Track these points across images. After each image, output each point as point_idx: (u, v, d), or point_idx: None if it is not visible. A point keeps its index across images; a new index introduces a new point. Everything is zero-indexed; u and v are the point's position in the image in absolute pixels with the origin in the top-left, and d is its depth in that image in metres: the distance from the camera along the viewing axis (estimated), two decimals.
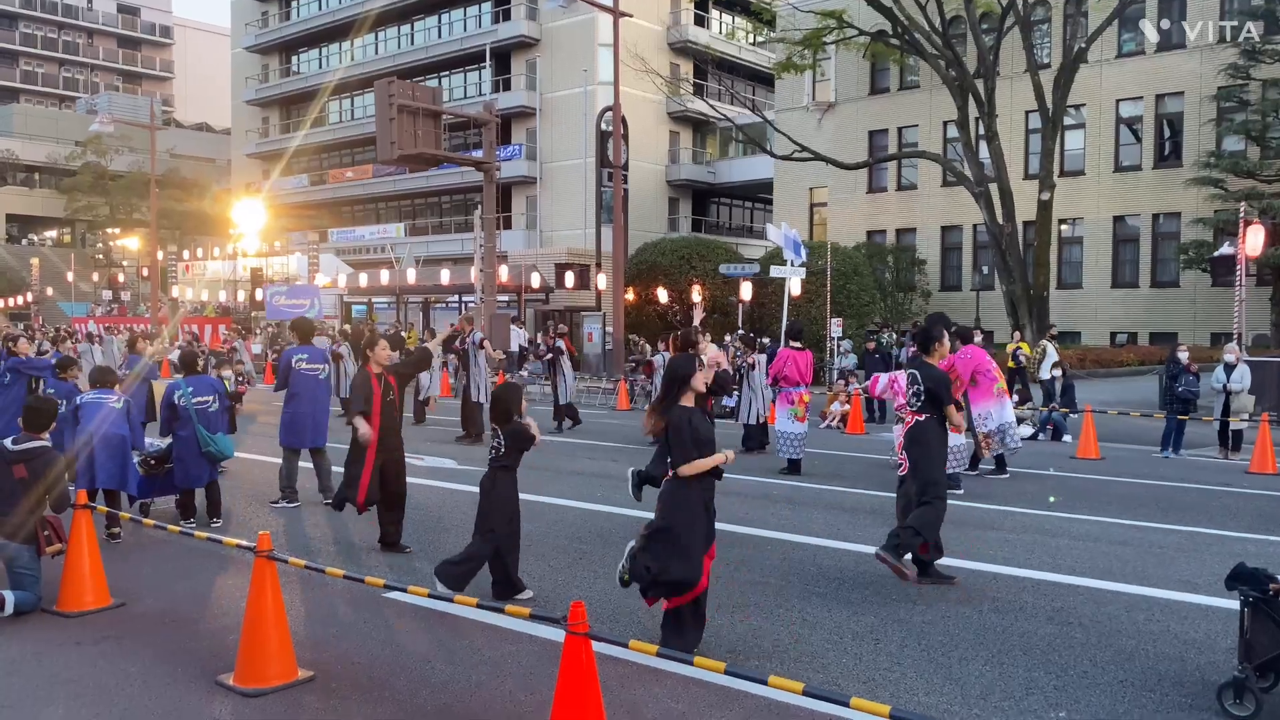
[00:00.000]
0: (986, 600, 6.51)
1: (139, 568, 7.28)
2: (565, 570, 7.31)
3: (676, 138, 45.19)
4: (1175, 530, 8.75)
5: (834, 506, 9.88)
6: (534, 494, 10.34)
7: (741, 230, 48.20)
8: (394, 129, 24.50)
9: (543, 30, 42.91)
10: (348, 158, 53.02)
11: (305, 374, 9.70)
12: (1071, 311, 29.98)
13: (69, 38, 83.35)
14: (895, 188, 34.46)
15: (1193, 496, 10.55)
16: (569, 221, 41.94)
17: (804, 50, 30.27)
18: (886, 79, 34.60)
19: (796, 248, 19.95)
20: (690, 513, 5.21)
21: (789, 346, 12.44)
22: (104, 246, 57.53)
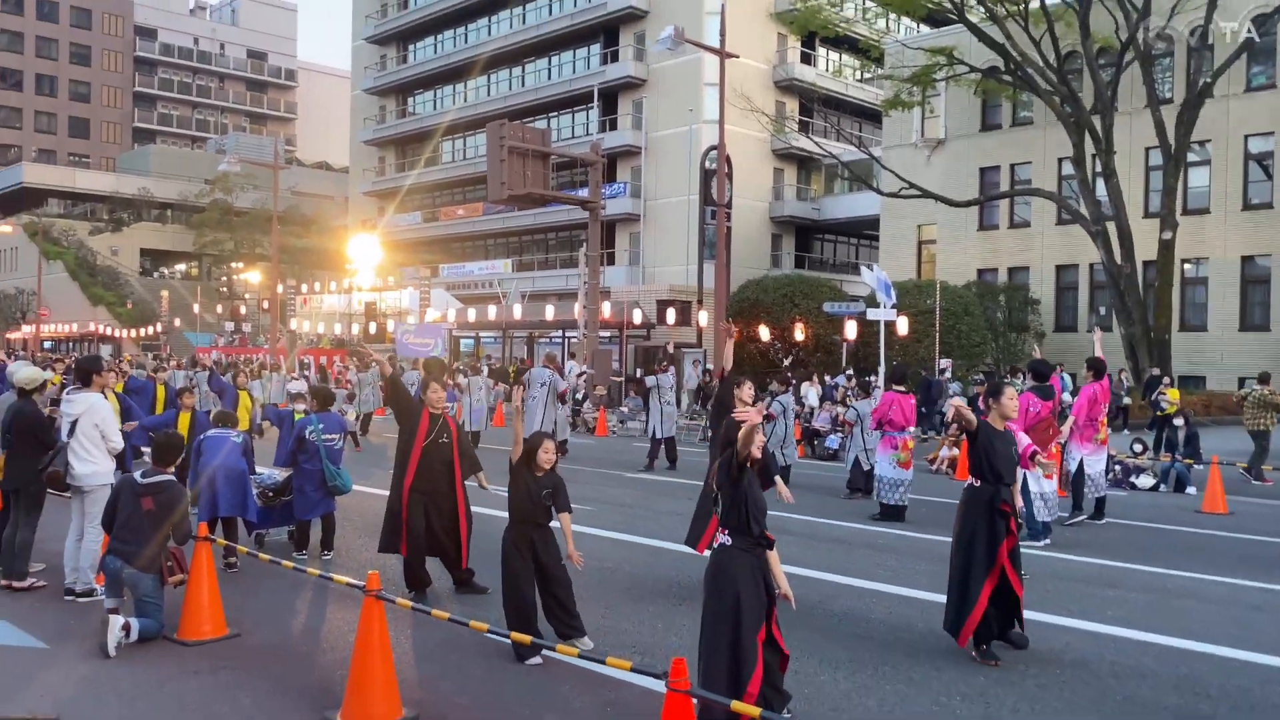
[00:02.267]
0: (1105, 664, 6.21)
1: (253, 599, 7.53)
2: (664, 616, 7.26)
3: (781, 174, 45.12)
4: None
5: (941, 559, 9.58)
6: (630, 534, 10.37)
7: (846, 267, 47.64)
8: (504, 170, 25.16)
9: (649, 71, 43.50)
10: (459, 195, 54.50)
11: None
12: (1195, 355, 28.65)
13: (202, 82, 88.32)
14: (1008, 225, 33.62)
15: None
16: (671, 258, 42.17)
17: (913, 87, 29.94)
18: (999, 115, 33.91)
19: (887, 289, 19.63)
20: (739, 585, 4.79)
21: (893, 390, 12.23)
22: (228, 280, 60.29)
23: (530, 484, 6.25)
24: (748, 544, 4.83)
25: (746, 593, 4.73)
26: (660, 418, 16.73)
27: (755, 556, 4.83)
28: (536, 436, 6.41)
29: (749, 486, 4.87)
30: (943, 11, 29.39)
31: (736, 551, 4.81)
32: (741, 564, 4.79)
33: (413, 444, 7.63)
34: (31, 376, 8.05)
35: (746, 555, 4.81)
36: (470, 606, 7.38)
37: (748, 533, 4.82)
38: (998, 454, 6.37)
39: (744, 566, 4.78)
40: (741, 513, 4.80)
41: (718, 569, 4.84)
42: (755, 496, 4.88)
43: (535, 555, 6.23)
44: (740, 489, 4.83)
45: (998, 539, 6.22)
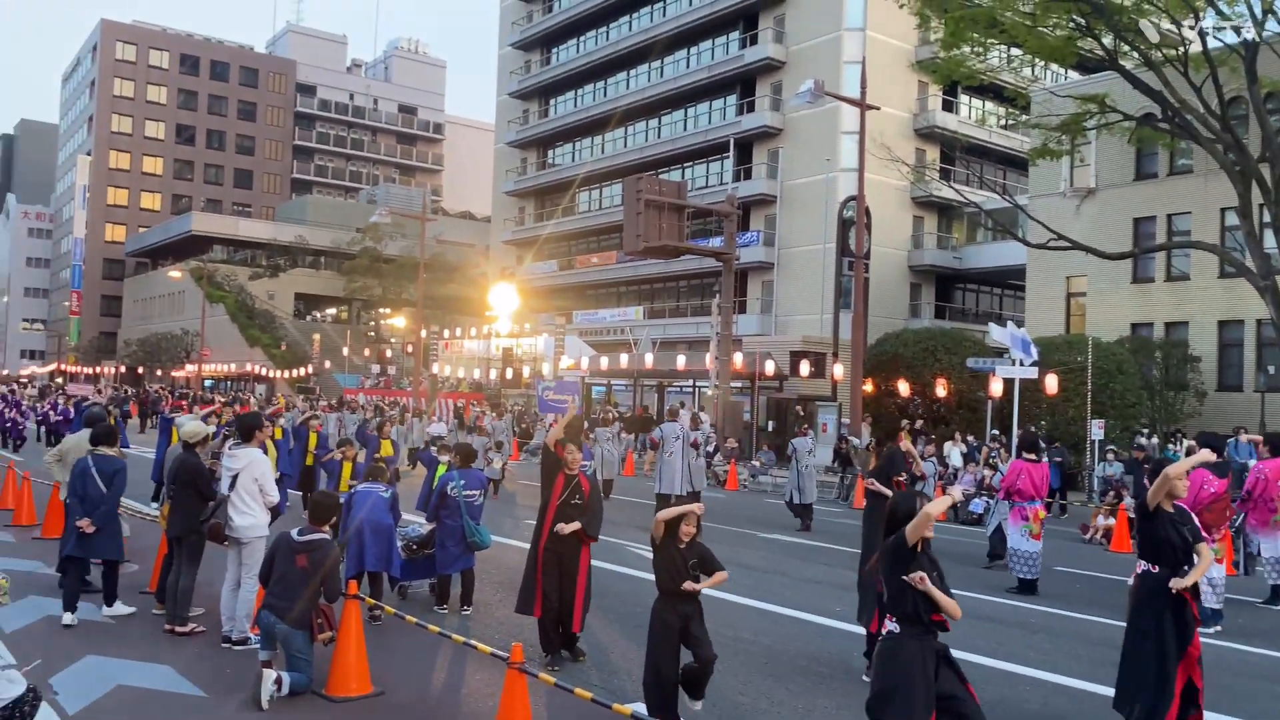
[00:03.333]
0: None
1: (397, 655, 7.66)
2: (804, 696, 7.02)
3: (920, 222, 44.25)
4: None
5: (1100, 642, 9.00)
6: (767, 602, 10.11)
7: (989, 318, 46.04)
8: (640, 222, 25.49)
9: (786, 120, 43.53)
10: (593, 244, 55.54)
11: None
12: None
13: (356, 135, 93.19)
14: (1164, 278, 31.96)
15: None
16: (804, 307, 41.75)
17: (1061, 135, 28.93)
18: (1154, 164, 32.41)
19: (1025, 346, 18.73)
20: (908, 676, 4.56)
21: (1023, 458, 11.66)
22: (375, 324, 62.88)
23: (675, 556, 6.15)
24: (918, 631, 4.60)
25: (915, 683, 4.50)
26: (798, 482, 16.48)
27: (926, 644, 4.60)
28: (676, 511, 6.30)
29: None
30: (1094, 59, 28.40)
31: (906, 640, 4.59)
32: (912, 652, 4.56)
33: (548, 506, 7.68)
34: (196, 430, 8.50)
35: (917, 644, 4.58)
36: (606, 674, 7.32)
37: (917, 621, 4.59)
38: (1170, 537, 5.96)
39: (914, 655, 4.55)
40: (910, 600, 4.58)
41: (887, 657, 4.63)
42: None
43: (686, 629, 6.07)
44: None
45: (1187, 629, 5.80)
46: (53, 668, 6.85)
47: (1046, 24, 26.44)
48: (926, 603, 4.56)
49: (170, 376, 65.46)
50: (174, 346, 67.13)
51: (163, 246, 78.18)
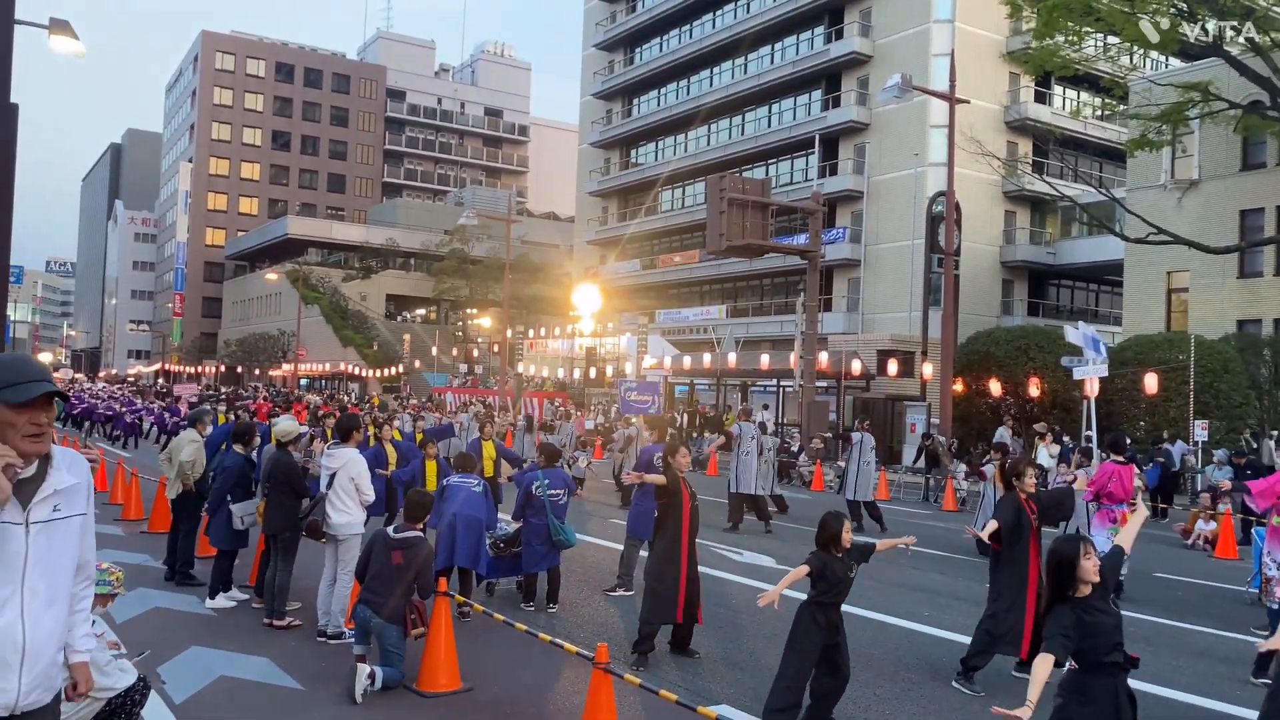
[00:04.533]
0: None
1: (486, 651, 7.79)
2: (891, 702, 6.92)
3: (1012, 217, 43.15)
4: None
5: (1204, 653, 8.67)
6: (852, 605, 9.99)
7: (1085, 315, 44.75)
8: (723, 222, 25.40)
9: (872, 115, 42.90)
10: (676, 243, 55.56)
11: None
12: None
13: (444, 139, 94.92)
14: (1273, 272, 30.55)
15: None
16: (892, 305, 41.10)
17: (1162, 126, 27.89)
18: (1263, 153, 31.01)
19: (1096, 345, 18.10)
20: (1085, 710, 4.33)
21: (1111, 459, 11.28)
22: (462, 324, 64.01)
23: (836, 565, 6.03)
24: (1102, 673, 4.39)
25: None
26: (856, 478, 16.14)
27: (1116, 682, 4.38)
28: (838, 519, 6.19)
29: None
30: (1197, 44, 27.31)
31: (1091, 680, 4.37)
32: (1100, 695, 4.35)
33: (681, 514, 7.70)
34: (288, 430, 8.78)
35: (1107, 681, 4.36)
36: (691, 675, 7.33)
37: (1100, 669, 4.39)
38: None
39: (1103, 694, 4.35)
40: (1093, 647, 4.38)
41: (1074, 691, 4.41)
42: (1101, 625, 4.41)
43: (835, 638, 6.05)
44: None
45: None
46: (160, 658, 7.15)
47: (1146, 10, 25.52)
48: (1106, 647, 4.36)
49: (268, 375, 67.65)
50: (271, 346, 69.37)
51: (260, 250, 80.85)
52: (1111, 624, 4.39)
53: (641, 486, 9.98)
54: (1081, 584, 4.42)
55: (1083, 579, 4.41)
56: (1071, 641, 4.30)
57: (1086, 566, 4.42)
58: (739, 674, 7.46)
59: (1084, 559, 4.41)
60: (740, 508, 15.55)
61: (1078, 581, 4.41)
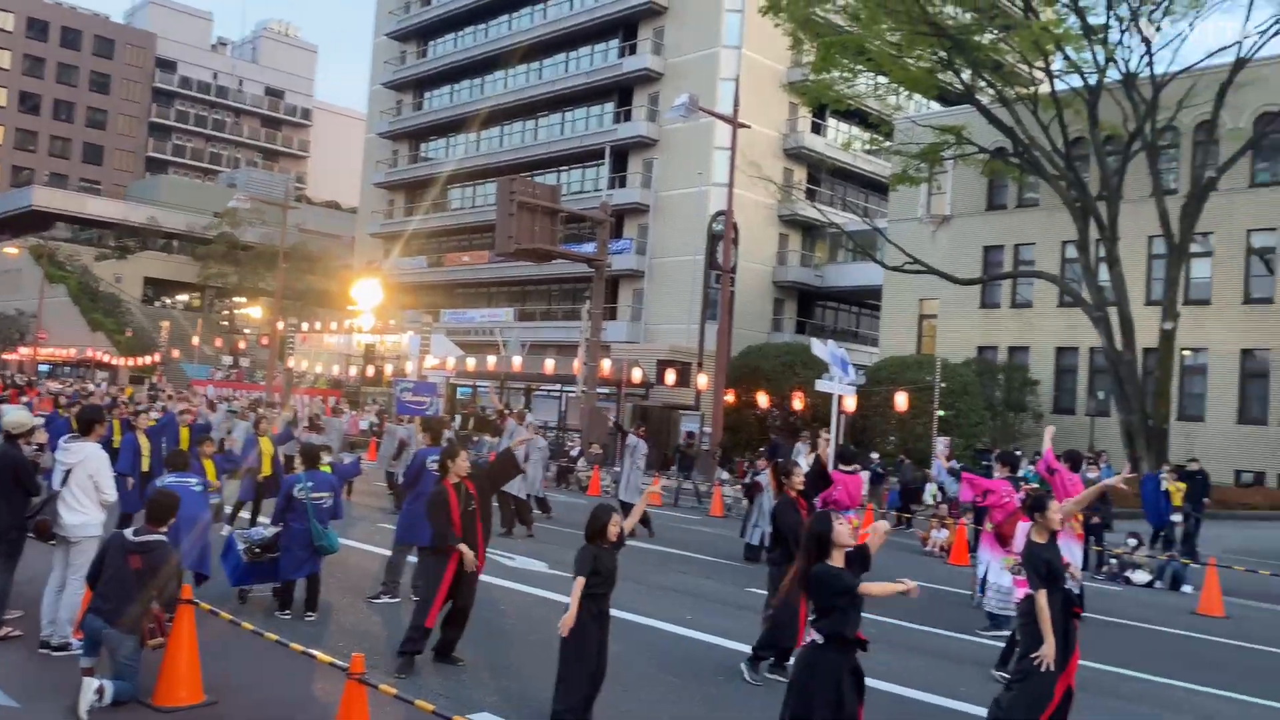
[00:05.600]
0: None
1: (232, 663, 7.35)
2: (653, 705, 7.08)
3: (786, 239, 45.43)
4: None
5: (935, 653, 9.42)
6: (619, 610, 10.16)
7: (847, 335, 47.77)
8: (513, 224, 25.30)
9: (661, 132, 44.02)
10: (465, 242, 54.82)
11: (435, 475, 9.80)
12: (1192, 445, 28.56)
13: (218, 116, 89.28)
14: (1009, 305, 33.77)
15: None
16: (673, 316, 42.28)
17: (921, 163, 30.26)
18: (1004, 196, 34.24)
19: (844, 365, 19.45)
20: (830, 688, 4.76)
21: (839, 469, 12.14)
22: (229, 313, 60.41)
23: (605, 558, 6.21)
24: (840, 646, 4.83)
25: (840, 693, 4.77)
26: (627, 481, 16.56)
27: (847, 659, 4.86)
28: (605, 511, 6.30)
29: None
30: (954, 92, 29.81)
31: (830, 653, 4.82)
32: (833, 665, 4.80)
33: (452, 527, 7.46)
34: (20, 421, 7.95)
35: (839, 658, 4.82)
36: (453, 683, 7.22)
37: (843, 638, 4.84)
38: (1056, 564, 6.33)
39: (836, 668, 4.80)
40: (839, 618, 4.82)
41: (806, 666, 4.87)
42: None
43: (601, 630, 6.23)
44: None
45: (1073, 639, 6.19)
46: None
47: (911, 55, 27.61)
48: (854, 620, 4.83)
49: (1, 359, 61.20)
50: (7, 328, 62.82)
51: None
52: (859, 605, 4.85)
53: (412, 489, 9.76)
54: (835, 548, 4.78)
55: (838, 542, 4.82)
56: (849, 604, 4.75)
57: (841, 530, 4.86)
58: (503, 680, 7.41)
59: (838, 524, 4.87)
60: (512, 511, 15.50)
61: (832, 547, 4.78)
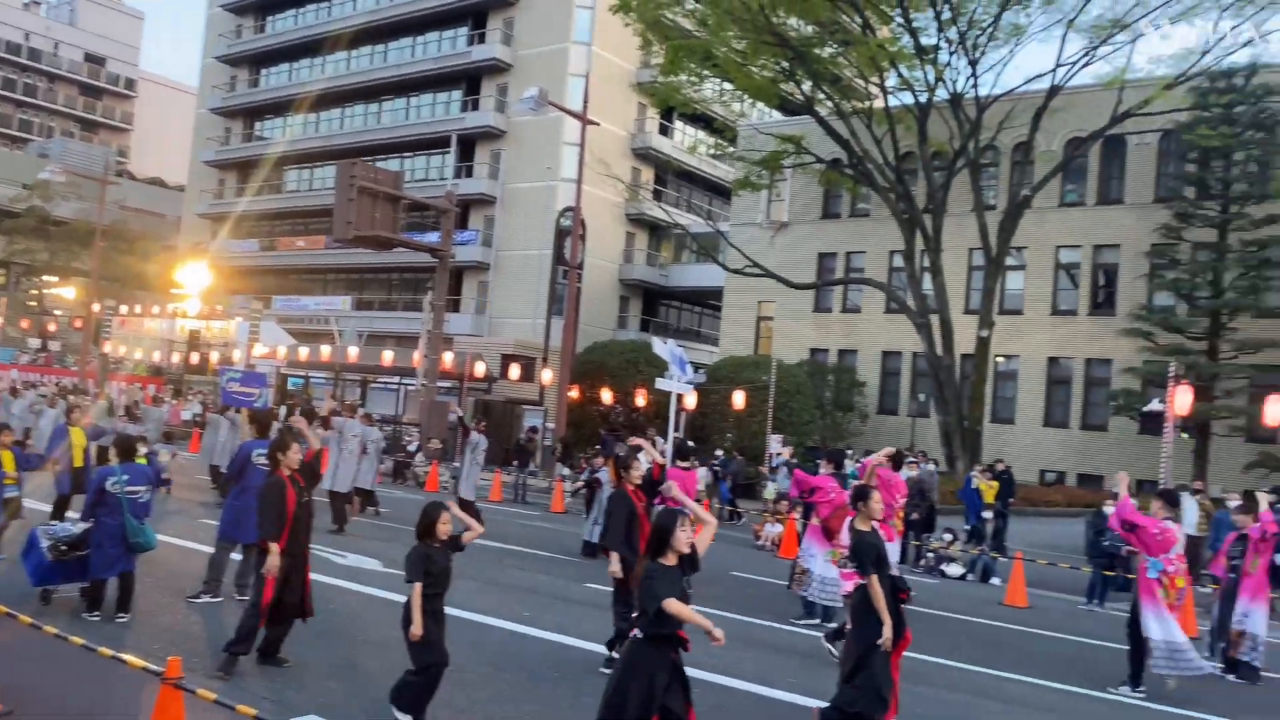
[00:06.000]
0: None
1: (33, 670, 6.85)
2: (487, 705, 7.01)
3: (632, 238, 45.85)
4: (1099, 698, 8.75)
5: (765, 645, 9.73)
6: (454, 608, 10.02)
7: (690, 334, 48.70)
8: (352, 209, 24.54)
9: (510, 123, 43.61)
10: (301, 227, 52.78)
11: (262, 469, 9.36)
12: (1003, 447, 30.52)
13: (30, 80, 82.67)
14: (840, 310, 35.21)
15: (1111, 657, 10.42)
16: (519, 310, 42.00)
17: (762, 170, 31.16)
18: (839, 205, 35.65)
19: (681, 364, 19.98)
20: (644, 685, 4.84)
21: (676, 466, 12.42)
22: (39, 293, 56.11)
23: (436, 556, 6.11)
24: (659, 644, 4.89)
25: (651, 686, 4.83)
26: (467, 477, 16.36)
27: (669, 657, 4.90)
28: (435, 508, 6.14)
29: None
30: (795, 101, 30.84)
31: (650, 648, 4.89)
32: (650, 661, 4.85)
33: (284, 521, 7.20)
34: None
35: (657, 655, 4.87)
36: (279, 685, 6.95)
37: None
38: (882, 549, 6.67)
39: (650, 665, 4.85)
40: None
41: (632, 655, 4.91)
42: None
43: (438, 627, 6.13)
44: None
45: (903, 624, 6.51)
46: None
47: (755, 64, 28.38)
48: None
49: None
50: None
51: None
52: (686, 600, 4.90)
53: (240, 488, 9.34)
54: (671, 551, 4.86)
55: (675, 547, 4.89)
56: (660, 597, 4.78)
57: (680, 536, 4.93)
58: (332, 682, 7.19)
59: (679, 529, 4.93)
60: (343, 508, 15.04)
61: (669, 548, 4.86)
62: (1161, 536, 8.81)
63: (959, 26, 26.23)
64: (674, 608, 4.74)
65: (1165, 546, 8.80)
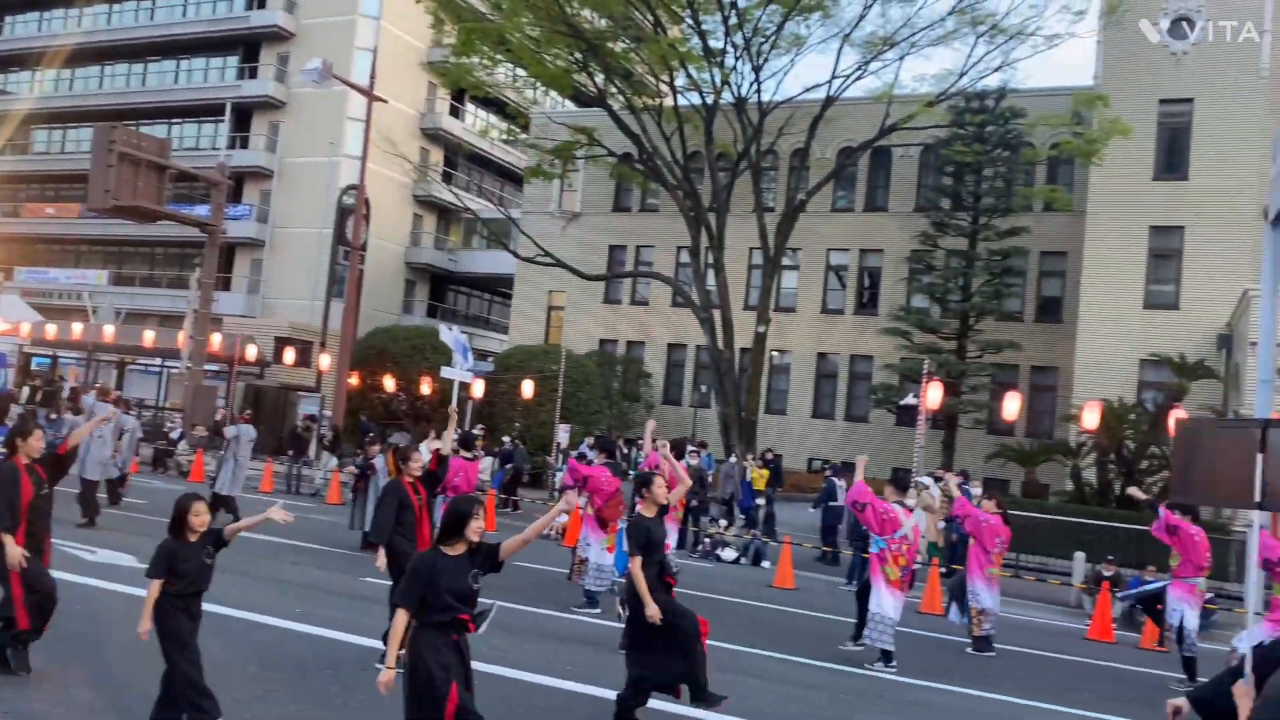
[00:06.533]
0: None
1: None
2: (250, 705, 6.70)
3: (420, 220, 44.80)
4: (861, 675, 9.38)
5: (545, 635, 9.82)
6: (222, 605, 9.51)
7: (479, 321, 48.20)
8: (111, 177, 22.69)
9: (290, 94, 41.54)
10: (50, 192, 48.24)
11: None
12: (776, 437, 32.13)
13: None
14: (629, 301, 35.86)
15: None
16: (296, 291, 40.13)
17: (554, 160, 31.21)
18: (630, 199, 36.28)
19: (464, 352, 19.99)
20: (429, 661, 4.84)
21: (460, 455, 12.42)
22: None
23: (187, 552, 5.70)
24: (437, 628, 4.89)
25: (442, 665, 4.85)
26: (233, 472, 15.58)
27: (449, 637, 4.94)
28: (187, 499, 5.75)
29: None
30: (588, 93, 31.08)
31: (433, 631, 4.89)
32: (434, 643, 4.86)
33: (18, 515, 6.60)
34: None
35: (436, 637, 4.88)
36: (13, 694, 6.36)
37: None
38: (656, 536, 6.85)
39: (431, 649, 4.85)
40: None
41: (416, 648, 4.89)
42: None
43: (194, 624, 5.78)
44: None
45: (672, 604, 6.74)
46: None
47: (549, 52, 28.37)
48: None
49: None
50: None
51: None
52: (468, 590, 4.93)
53: None
54: (461, 540, 4.92)
55: (466, 535, 4.92)
56: (418, 591, 4.83)
57: (474, 525, 4.93)
58: (77, 689, 6.65)
59: (473, 519, 4.93)
60: (94, 498, 13.92)
61: (460, 537, 4.90)
62: (886, 517, 9.61)
63: (745, 32, 27.23)
64: (397, 629, 4.86)
65: (890, 527, 9.58)
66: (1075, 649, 12.13)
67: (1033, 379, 29.99)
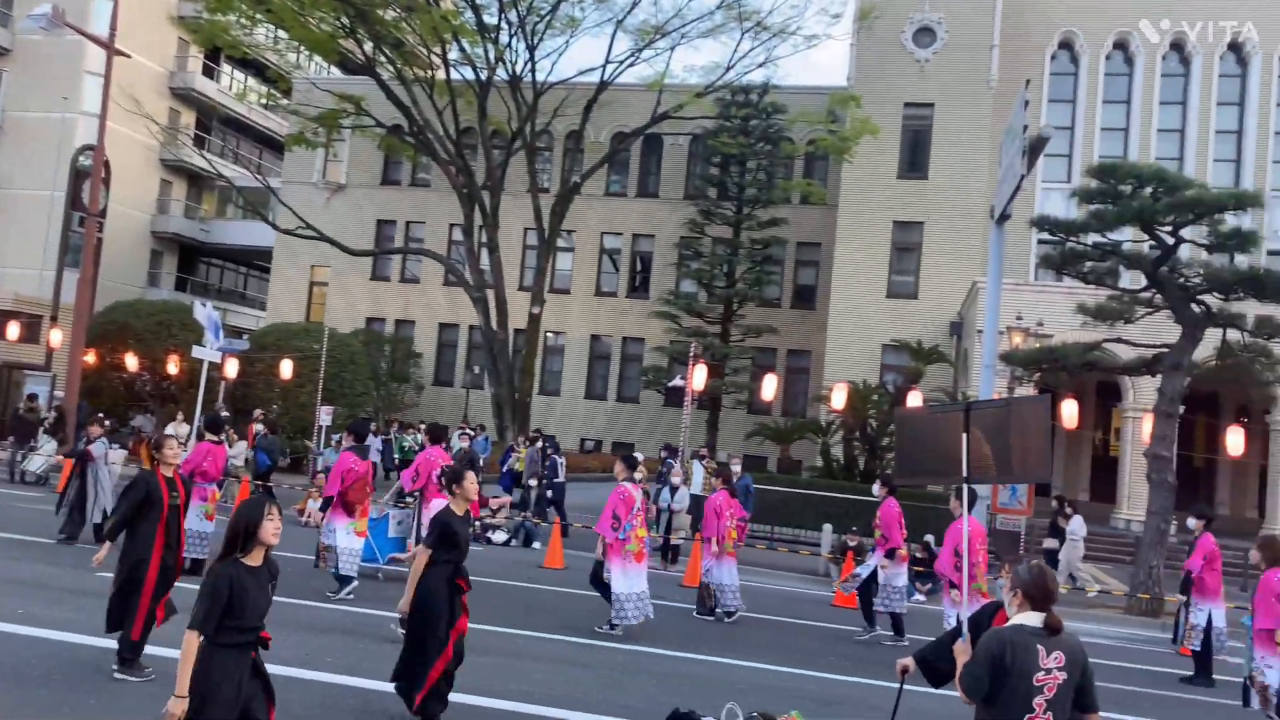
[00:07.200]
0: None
1: None
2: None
3: (169, 187, 41.54)
4: (623, 650, 9.61)
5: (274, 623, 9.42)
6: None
7: (234, 296, 45.35)
8: None
9: (15, 41, 37.31)
10: None
11: None
12: (550, 417, 32.32)
13: None
14: (399, 279, 34.89)
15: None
16: (22, 260, 36.21)
17: (318, 128, 29.80)
18: (400, 172, 35.22)
19: (216, 330, 19.06)
20: (219, 687, 4.39)
21: (207, 439, 11.84)
22: None
23: None
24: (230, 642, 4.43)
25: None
26: (110, 491, 13.77)
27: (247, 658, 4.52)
28: None
29: None
30: (356, 61, 29.86)
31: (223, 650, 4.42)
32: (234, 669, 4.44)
33: None
34: None
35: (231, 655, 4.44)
36: None
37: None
38: (460, 535, 6.60)
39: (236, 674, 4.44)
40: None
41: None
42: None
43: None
44: None
45: (456, 614, 6.54)
46: None
47: (314, 15, 27.04)
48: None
49: None
50: None
51: None
52: (269, 603, 4.53)
53: None
54: (258, 546, 4.43)
55: (262, 540, 4.43)
56: (218, 613, 4.33)
57: (268, 527, 4.44)
58: None
59: (267, 520, 4.44)
60: None
61: (255, 543, 4.42)
62: (624, 498, 9.97)
63: (519, 10, 27.04)
64: (186, 657, 4.33)
65: (626, 510, 9.97)
66: (820, 615, 12.98)
67: (789, 362, 31.75)
